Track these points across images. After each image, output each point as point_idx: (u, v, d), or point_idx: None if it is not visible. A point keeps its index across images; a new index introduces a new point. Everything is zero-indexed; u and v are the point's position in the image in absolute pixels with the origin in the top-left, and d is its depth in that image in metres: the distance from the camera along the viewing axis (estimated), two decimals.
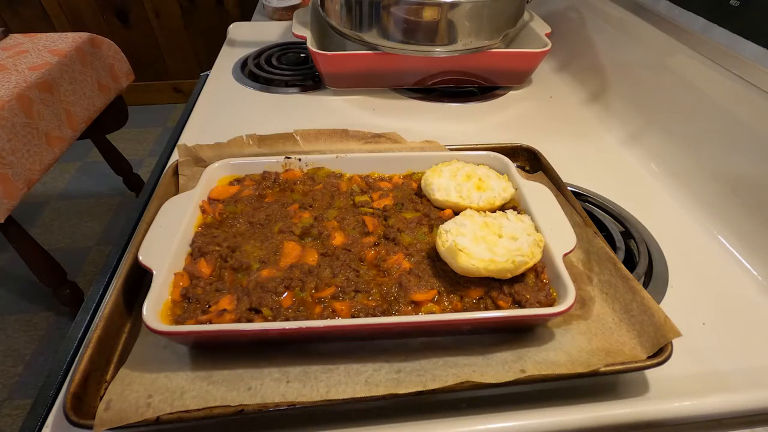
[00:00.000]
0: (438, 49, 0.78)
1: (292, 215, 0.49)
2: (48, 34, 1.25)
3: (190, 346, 0.39)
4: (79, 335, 0.45)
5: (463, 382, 0.36)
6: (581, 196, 0.61)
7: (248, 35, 1.06)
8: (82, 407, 0.34)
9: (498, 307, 0.41)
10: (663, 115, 0.70)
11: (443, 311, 0.41)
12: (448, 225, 0.45)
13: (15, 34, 1.26)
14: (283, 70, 0.91)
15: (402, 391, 0.35)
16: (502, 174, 0.54)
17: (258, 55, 0.97)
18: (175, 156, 0.61)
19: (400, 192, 0.54)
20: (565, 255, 0.43)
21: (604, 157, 0.71)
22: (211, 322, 0.38)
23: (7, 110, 0.97)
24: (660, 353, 0.38)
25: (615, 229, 0.56)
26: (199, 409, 0.34)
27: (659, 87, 0.71)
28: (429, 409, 0.38)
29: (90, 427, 0.33)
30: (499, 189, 0.51)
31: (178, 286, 0.41)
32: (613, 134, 0.76)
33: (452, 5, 0.73)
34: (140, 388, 0.35)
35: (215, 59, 0.96)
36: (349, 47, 0.81)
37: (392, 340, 0.41)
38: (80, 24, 2.18)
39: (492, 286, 0.42)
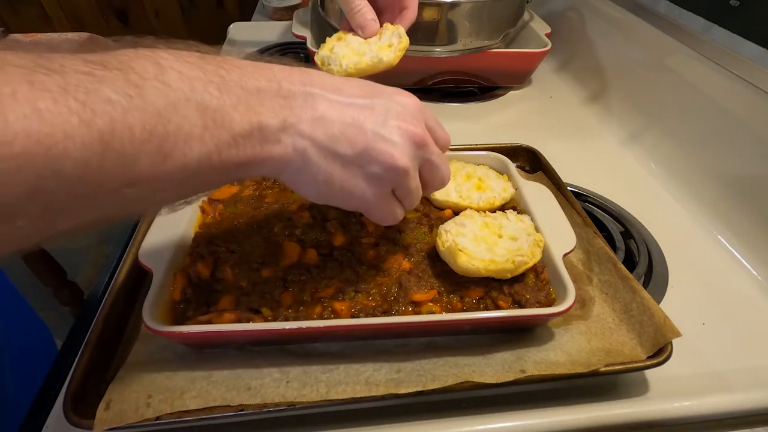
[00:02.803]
0: (438, 49, 0.78)
1: (293, 215, 0.49)
2: (48, 34, 1.25)
3: (190, 346, 0.39)
4: (79, 335, 0.45)
5: (463, 382, 0.36)
6: (581, 196, 0.61)
7: (248, 35, 1.06)
8: (82, 407, 0.34)
9: (498, 307, 0.41)
10: (663, 115, 0.70)
11: (443, 311, 0.41)
12: (448, 225, 0.45)
13: (15, 34, 1.26)
14: None
15: (402, 391, 0.35)
16: (502, 174, 0.54)
17: (258, 55, 0.97)
18: None
19: None
20: (565, 255, 0.43)
21: (604, 157, 0.71)
22: (211, 322, 0.38)
23: None
24: (660, 353, 0.38)
25: (615, 229, 0.56)
26: (199, 409, 0.34)
27: (659, 87, 0.71)
28: (429, 409, 0.38)
29: (90, 427, 0.33)
30: (499, 189, 0.51)
31: (178, 286, 0.41)
32: (613, 134, 0.76)
33: (452, 5, 0.73)
34: (140, 388, 0.35)
35: None
36: None
37: (392, 340, 0.41)
38: (80, 24, 2.17)
39: (492, 286, 0.42)
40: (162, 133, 0.23)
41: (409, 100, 0.34)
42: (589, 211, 0.58)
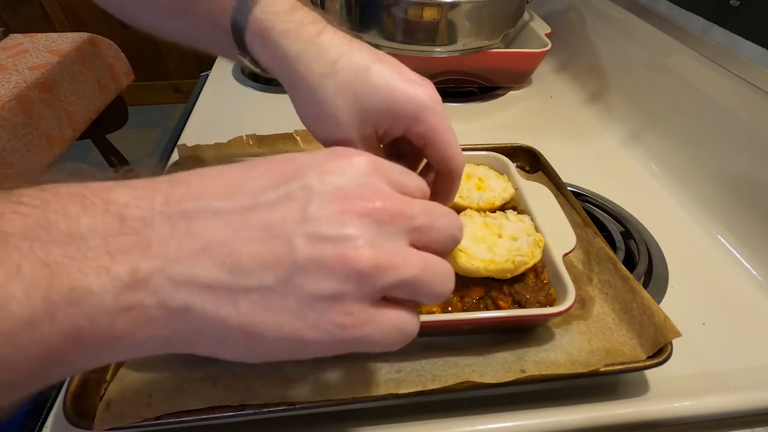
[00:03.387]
0: (438, 49, 0.78)
1: None
2: (48, 34, 1.25)
3: None
4: None
5: (463, 382, 0.36)
6: (581, 196, 0.61)
7: None
8: (82, 407, 0.34)
9: (498, 307, 0.41)
10: (663, 115, 0.70)
11: (443, 311, 0.41)
12: None
13: (15, 34, 1.26)
14: None
15: (402, 391, 0.35)
16: (502, 174, 0.54)
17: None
18: (175, 156, 0.61)
19: None
20: (565, 255, 0.43)
21: (604, 157, 0.71)
22: None
23: (7, 110, 0.97)
24: (660, 353, 0.38)
25: (615, 229, 0.56)
26: (199, 409, 0.34)
27: (659, 87, 0.71)
28: (429, 409, 0.38)
29: (90, 428, 0.33)
30: (499, 189, 0.51)
31: None
32: (613, 134, 0.76)
33: (452, 5, 0.73)
34: (140, 388, 0.35)
35: (215, 59, 0.96)
36: None
37: None
38: (80, 24, 2.18)
39: (492, 286, 0.42)
40: None
41: (347, 162, 0.24)
42: (589, 211, 0.58)
